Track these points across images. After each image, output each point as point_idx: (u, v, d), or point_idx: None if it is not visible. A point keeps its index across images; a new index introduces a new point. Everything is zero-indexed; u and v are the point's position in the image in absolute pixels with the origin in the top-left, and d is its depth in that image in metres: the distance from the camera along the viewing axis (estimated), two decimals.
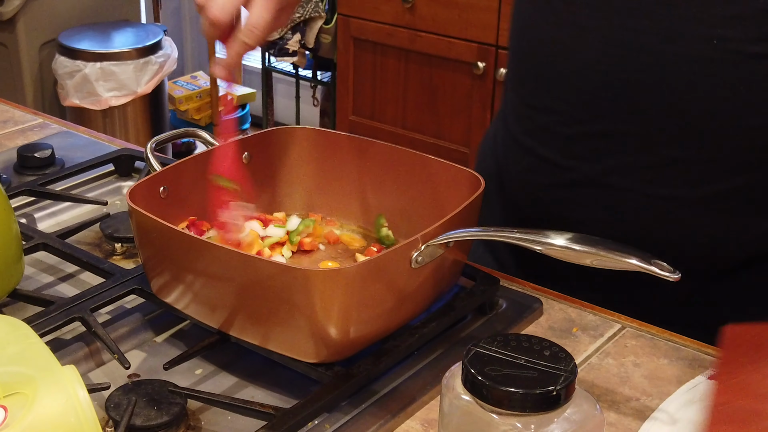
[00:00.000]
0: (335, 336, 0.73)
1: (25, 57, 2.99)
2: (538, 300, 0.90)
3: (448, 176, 0.89)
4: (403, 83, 2.72)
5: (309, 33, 2.98)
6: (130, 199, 0.79)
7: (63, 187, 1.10)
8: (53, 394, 0.57)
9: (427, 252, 0.76)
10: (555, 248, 0.72)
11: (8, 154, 1.19)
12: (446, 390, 0.60)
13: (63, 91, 2.98)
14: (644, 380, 0.81)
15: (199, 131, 0.96)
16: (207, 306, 0.79)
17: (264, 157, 0.96)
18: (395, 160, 0.93)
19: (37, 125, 1.31)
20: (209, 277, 0.77)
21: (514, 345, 0.59)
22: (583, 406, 0.58)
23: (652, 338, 0.87)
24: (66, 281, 0.94)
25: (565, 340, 0.86)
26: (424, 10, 2.58)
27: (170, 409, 0.71)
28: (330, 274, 0.73)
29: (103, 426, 0.71)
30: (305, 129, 0.98)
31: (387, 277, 0.75)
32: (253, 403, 0.73)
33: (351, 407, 0.74)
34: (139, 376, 0.78)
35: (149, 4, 3.54)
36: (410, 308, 0.80)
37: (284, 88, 3.69)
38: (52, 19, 3.03)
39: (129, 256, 0.98)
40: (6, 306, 0.87)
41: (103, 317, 0.85)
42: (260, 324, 0.76)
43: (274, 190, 0.98)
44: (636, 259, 0.69)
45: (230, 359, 0.81)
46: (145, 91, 3.00)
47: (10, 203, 0.87)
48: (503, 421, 0.57)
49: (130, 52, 2.96)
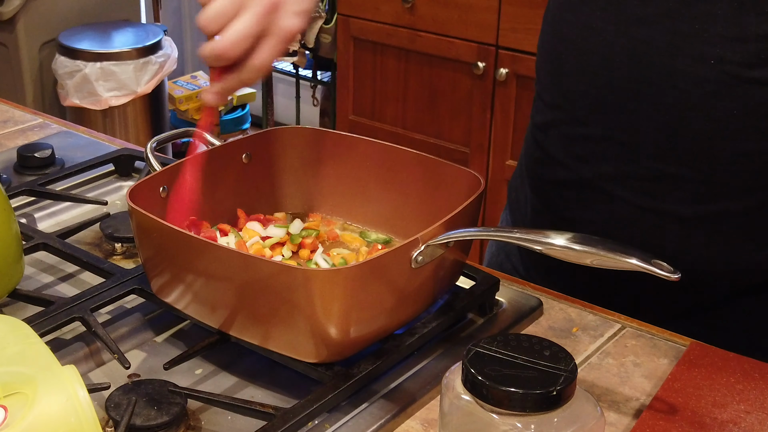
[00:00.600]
0: (335, 336, 0.73)
1: (25, 57, 2.99)
2: (538, 300, 0.90)
3: (448, 176, 0.89)
4: (403, 83, 2.72)
5: (309, 33, 2.98)
6: (130, 198, 0.79)
7: (63, 187, 1.10)
8: (53, 394, 0.57)
9: (428, 252, 0.76)
10: (555, 248, 0.72)
11: (8, 154, 1.19)
12: (446, 390, 0.60)
13: (63, 91, 2.98)
14: (644, 380, 0.81)
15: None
16: (207, 306, 0.79)
17: (263, 157, 0.96)
18: (395, 160, 0.93)
19: (37, 125, 1.31)
20: (209, 276, 0.77)
21: (514, 345, 0.59)
22: (583, 406, 0.58)
23: (652, 338, 0.87)
24: (66, 281, 0.94)
25: (565, 340, 0.86)
26: (424, 10, 2.58)
27: (170, 409, 0.71)
28: (330, 274, 0.73)
29: (103, 426, 0.71)
30: (304, 129, 0.98)
31: (387, 277, 0.75)
32: (253, 403, 0.73)
33: (351, 407, 0.74)
34: (139, 376, 0.78)
35: (149, 4, 3.54)
36: (410, 308, 0.80)
37: (284, 88, 3.70)
38: (52, 19, 3.03)
39: (129, 256, 0.98)
40: (6, 306, 0.87)
41: (103, 317, 0.85)
42: (260, 324, 0.76)
43: (274, 190, 0.98)
44: (636, 259, 0.69)
45: (230, 359, 0.81)
46: (145, 91, 3.00)
47: (10, 203, 0.87)
48: (503, 421, 0.57)
49: (130, 52, 2.96)
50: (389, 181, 0.94)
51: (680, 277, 0.68)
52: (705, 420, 0.73)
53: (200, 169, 0.87)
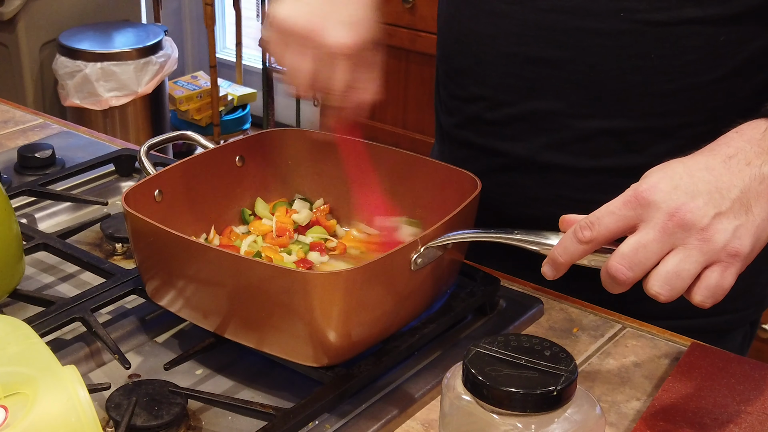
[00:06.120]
0: (335, 339, 0.73)
1: (25, 57, 2.98)
2: (538, 300, 0.90)
3: (444, 177, 0.89)
4: (404, 83, 2.71)
5: None
6: (125, 202, 0.79)
7: (63, 187, 1.10)
8: (54, 394, 0.57)
9: (427, 254, 0.76)
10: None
11: (9, 154, 1.19)
12: (447, 390, 0.60)
13: (63, 91, 2.97)
14: (644, 380, 0.81)
15: (193, 134, 0.95)
16: (205, 310, 0.79)
17: (258, 159, 0.96)
18: (390, 162, 0.93)
19: (38, 125, 1.31)
20: (207, 280, 0.77)
21: (514, 345, 0.59)
22: (583, 406, 0.58)
23: (653, 338, 0.87)
24: (66, 281, 0.94)
25: (565, 340, 0.86)
26: (424, 10, 2.57)
27: (171, 410, 0.71)
28: (329, 277, 0.72)
29: (104, 426, 0.71)
30: (299, 131, 0.97)
31: (387, 280, 0.75)
32: (254, 404, 0.73)
33: (351, 407, 0.74)
34: (140, 376, 0.78)
35: (150, 4, 3.54)
36: (410, 310, 0.80)
37: (285, 88, 3.69)
38: (53, 19, 3.03)
39: (129, 256, 0.98)
40: (6, 306, 0.87)
41: (103, 317, 0.85)
42: (258, 327, 0.76)
43: (268, 193, 0.97)
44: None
45: (231, 359, 0.81)
46: (146, 92, 3.00)
47: (11, 203, 0.87)
48: (504, 422, 0.57)
49: (130, 52, 2.96)
50: (385, 183, 0.94)
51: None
52: (705, 420, 0.73)
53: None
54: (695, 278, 0.66)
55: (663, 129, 0.89)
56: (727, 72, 0.87)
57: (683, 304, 0.68)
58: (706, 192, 0.66)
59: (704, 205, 0.66)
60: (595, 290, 0.91)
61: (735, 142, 0.70)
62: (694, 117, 0.89)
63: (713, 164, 0.68)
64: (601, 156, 0.92)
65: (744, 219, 0.66)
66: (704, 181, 0.67)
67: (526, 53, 0.90)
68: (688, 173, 0.68)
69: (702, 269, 0.66)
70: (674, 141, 0.89)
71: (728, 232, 0.66)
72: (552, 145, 0.93)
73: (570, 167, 0.93)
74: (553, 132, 0.92)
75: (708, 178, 0.67)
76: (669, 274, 0.65)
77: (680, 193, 0.66)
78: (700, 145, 0.71)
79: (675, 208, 0.66)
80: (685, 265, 0.65)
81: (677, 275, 0.65)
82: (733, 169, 0.68)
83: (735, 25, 0.85)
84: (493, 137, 0.97)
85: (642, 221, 0.67)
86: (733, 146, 0.69)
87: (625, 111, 0.89)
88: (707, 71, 0.87)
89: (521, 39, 0.90)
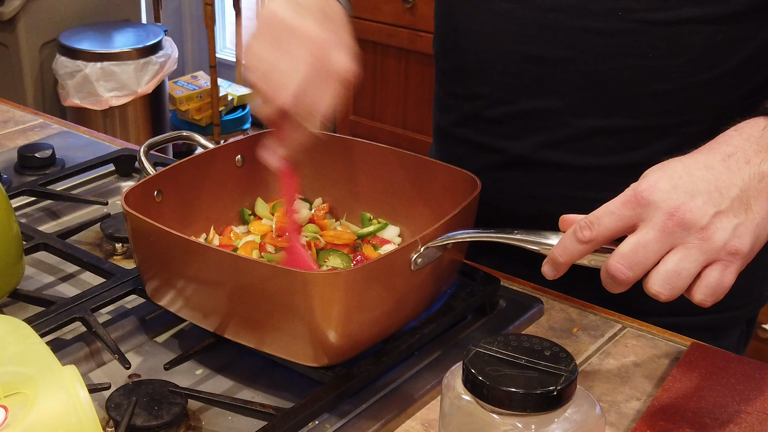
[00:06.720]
0: (335, 339, 0.73)
1: (25, 57, 2.99)
2: (538, 300, 0.90)
3: (444, 177, 0.89)
4: (404, 83, 2.72)
5: None
6: (125, 202, 0.79)
7: (63, 187, 1.10)
8: (54, 394, 0.57)
9: (427, 254, 0.76)
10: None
11: (9, 154, 1.19)
12: (447, 390, 0.60)
13: (63, 91, 2.97)
14: (644, 380, 0.81)
15: (192, 134, 0.95)
16: (204, 310, 0.79)
17: (258, 159, 0.95)
18: (390, 162, 0.93)
19: (38, 125, 1.31)
20: (207, 280, 0.77)
21: (514, 345, 0.59)
22: (583, 406, 0.58)
23: (653, 338, 0.87)
24: (66, 281, 0.94)
25: (565, 340, 0.86)
26: (424, 10, 2.57)
27: (171, 410, 0.71)
28: (329, 277, 0.72)
29: (104, 426, 0.71)
30: None
31: (387, 280, 0.75)
32: (254, 404, 0.73)
33: (351, 407, 0.74)
34: (140, 376, 0.78)
35: (150, 4, 3.54)
36: (410, 310, 0.80)
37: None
38: (53, 19, 3.03)
39: (129, 256, 0.98)
40: (6, 306, 0.87)
41: (103, 317, 0.85)
42: (259, 328, 0.76)
43: (268, 193, 0.97)
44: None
45: (231, 359, 0.81)
46: (146, 91, 3.00)
47: (11, 203, 0.87)
48: (504, 421, 0.57)
49: (130, 52, 2.96)
50: (384, 183, 0.94)
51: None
52: (705, 420, 0.73)
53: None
54: (695, 277, 0.66)
55: (662, 127, 0.90)
56: (726, 71, 0.87)
57: (682, 301, 0.68)
58: (706, 191, 0.66)
59: (704, 204, 0.66)
60: (595, 290, 0.92)
61: (734, 141, 0.70)
62: (692, 115, 0.89)
63: (712, 163, 0.68)
64: (600, 154, 0.92)
65: (744, 217, 0.66)
66: (703, 180, 0.67)
67: (526, 52, 0.91)
68: (687, 172, 0.67)
69: (702, 268, 0.66)
70: (673, 139, 0.89)
71: (728, 230, 0.66)
72: (550, 143, 0.93)
73: (568, 165, 0.93)
74: (552, 130, 0.93)
75: (707, 177, 0.67)
76: (669, 274, 0.65)
77: (680, 192, 0.66)
78: (699, 143, 0.71)
79: (674, 207, 0.66)
80: (685, 264, 0.65)
81: (677, 274, 0.65)
82: (733, 168, 0.68)
83: (734, 24, 0.85)
84: (491, 135, 0.97)
85: (642, 221, 0.66)
86: (732, 144, 0.69)
87: (623, 109, 0.89)
88: (706, 70, 0.87)
89: (521, 38, 0.91)
